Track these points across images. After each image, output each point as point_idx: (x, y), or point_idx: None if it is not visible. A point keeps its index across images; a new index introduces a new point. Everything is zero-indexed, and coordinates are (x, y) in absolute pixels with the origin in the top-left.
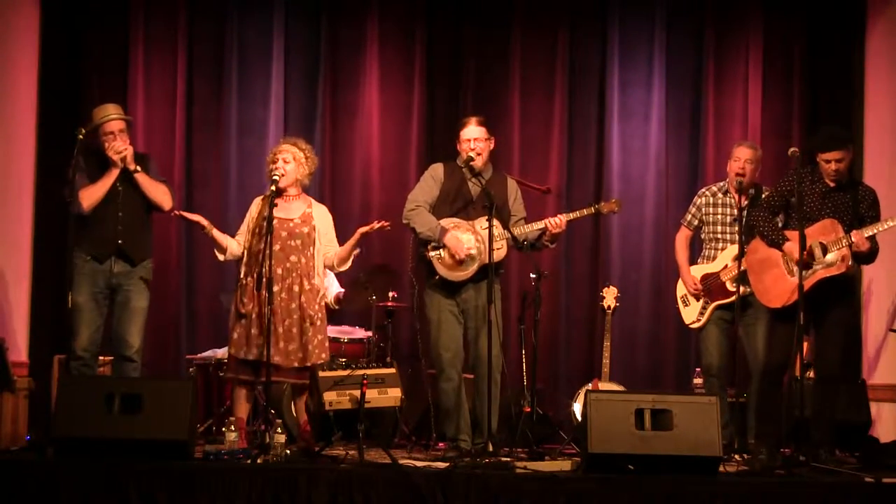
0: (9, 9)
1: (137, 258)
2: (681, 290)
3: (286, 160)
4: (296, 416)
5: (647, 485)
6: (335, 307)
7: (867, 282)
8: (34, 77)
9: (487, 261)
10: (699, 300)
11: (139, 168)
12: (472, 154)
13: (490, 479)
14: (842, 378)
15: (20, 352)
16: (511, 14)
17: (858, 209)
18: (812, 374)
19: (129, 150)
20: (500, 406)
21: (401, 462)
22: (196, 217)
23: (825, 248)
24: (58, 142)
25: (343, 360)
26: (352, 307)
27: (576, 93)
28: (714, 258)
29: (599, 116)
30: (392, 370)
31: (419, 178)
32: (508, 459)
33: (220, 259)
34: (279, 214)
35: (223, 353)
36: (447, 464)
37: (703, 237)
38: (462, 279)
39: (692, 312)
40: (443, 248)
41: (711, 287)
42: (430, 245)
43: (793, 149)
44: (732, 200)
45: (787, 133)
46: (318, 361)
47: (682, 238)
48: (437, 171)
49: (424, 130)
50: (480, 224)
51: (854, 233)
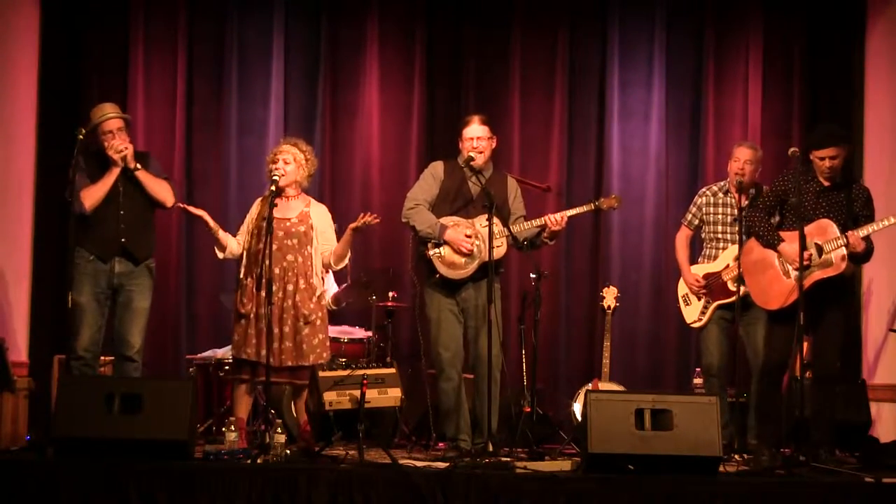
0: (9, 9)
1: (141, 256)
2: (682, 290)
3: (286, 161)
4: (296, 416)
5: (647, 485)
6: (333, 308)
7: (867, 282)
8: (34, 77)
9: (487, 259)
10: (700, 300)
11: (139, 166)
12: (474, 153)
13: (490, 479)
14: (840, 378)
15: (20, 352)
16: (511, 14)
17: (853, 208)
18: (810, 375)
19: (130, 149)
20: (500, 406)
21: (401, 462)
22: (199, 212)
23: (821, 249)
24: (58, 142)
25: (343, 360)
26: (352, 306)
27: (576, 93)
28: (715, 258)
29: (599, 116)
30: (392, 370)
31: (419, 178)
32: (508, 459)
33: (220, 257)
34: (277, 214)
35: (223, 353)
36: (447, 464)
37: (704, 237)
38: (462, 277)
39: (693, 312)
40: (443, 247)
41: (713, 287)
42: (430, 244)
43: (793, 149)
44: (733, 200)
45: (787, 133)
46: (318, 361)
47: (683, 237)
48: (437, 170)
49: (424, 130)
50: (480, 222)
51: (850, 233)
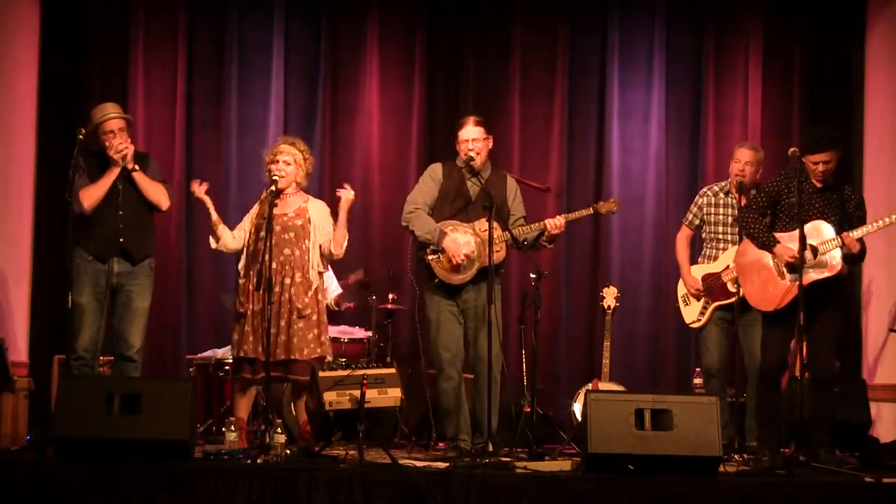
0: (9, 9)
1: (139, 257)
2: (681, 290)
3: (287, 162)
4: (296, 416)
5: (647, 485)
6: (335, 308)
7: (867, 282)
8: (34, 77)
9: (487, 262)
10: (700, 300)
11: (137, 167)
12: (472, 154)
13: (490, 479)
14: (837, 379)
15: (20, 352)
16: (511, 14)
17: (846, 208)
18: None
19: (130, 149)
20: (500, 406)
21: (401, 462)
22: (204, 196)
23: (815, 250)
24: (58, 142)
25: (343, 360)
26: (352, 306)
27: (576, 93)
28: (715, 258)
29: (599, 116)
30: (392, 370)
31: (419, 178)
32: (508, 459)
33: (213, 246)
34: (275, 211)
35: (223, 353)
36: (447, 464)
37: (704, 237)
38: (461, 282)
39: (692, 312)
40: (441, 252)
41: (712, 287)
42: (429, 248)
43: (793, 149)
44: (733, 200)
45: (787, 133)
46: (312, 357)
47: (683, 237)
48: (436, 172)
49: (424, 130)
50: (480, 225)
51: (845, 235)
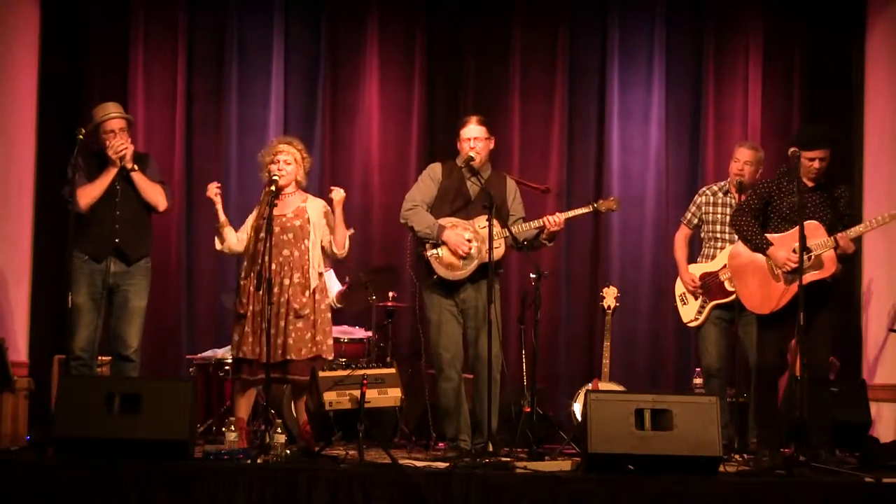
0: (9, 9)
1: (134, 257)
2: (679, 289)
3: (287, 161)
4: (296, 416)
5: (647, 485)
6: (338, 305)
7: (867, 282)
8: (34, 77)
9: (486, 260)
10: (697, 299)
11: (136, 167)
12: (472, 154)
13: (490, 479)
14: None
15: (20, 352)
16: (511, 14)
17: (837, 207)
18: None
19: (130, 149)
20: (500, 406)
21: (401, 462)
22: (216, 197)
23: (809, 251)
24: (58, 142)
25: (343, 360)
26: (352, 307)
27: (576, 93)
28: (713, 257)
29: (599, 116)
30: (392, 370)
31: (417, 179)
32: (508, 459)
33: (217, 248)
34: (274, 212)
35: (223, 353)
36: (447, 464)
37: (703, 236)
38: (460, 278)
39: (690, 311)
40: (441, 248)
41: (710, 286)
42: (428, 244)
43: (792, 148)
44: (733, 200)
45: (787, 133)
46: (310, 356)
47: (682, 236)
48: (436, 171)
49: (424, 130)
50: (479, 223)
51: (839, 236)
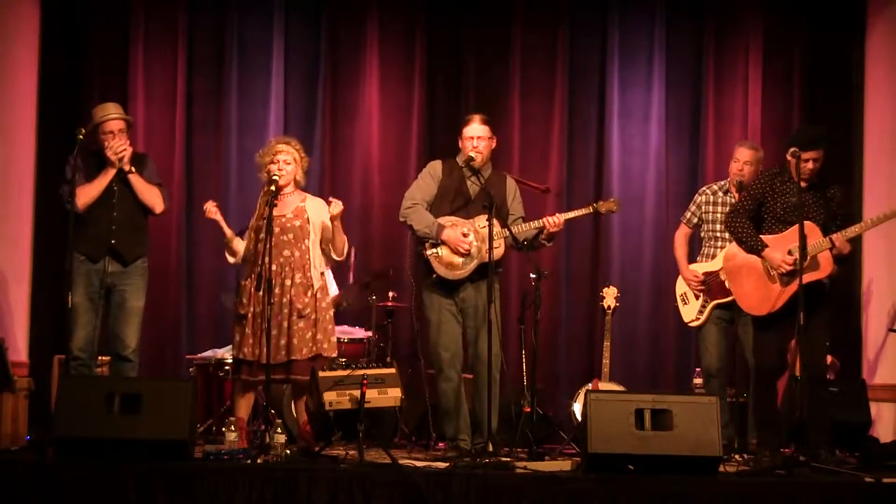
0: (9, 9)
1: (130, 258)
2: (680, 288)
3: (286, 161)
4: (296, 416)
5: (647, 485)
6: (336, 307)
7: (867, 282)
8: (34, 77)
9: (485, 260)
10: (698, 298)
11: (133, 169)
12: (474, 153)
13: (490, 479)
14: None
15: (20, 352)
16: (511, 14)
17: (830, 207)
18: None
19: (128, 151)
20: (500, 406)
21: (401, 462)
22: (217, 217)
23: (805, 252)
24: (58, 142)
25: (343, 360)
26: (352, 307)
27: (576, 93)
28: (713, 256)
29: (599, 116)
30: (392, 370)
31: (417, 177)
32: (508, 459)
33: (231, 261)
34: (273, 212)
35: (223, 353)
36: (447, 464)
37: (703, 235)
38: (460, 278)
39: (691, 311)
40: (440, 247)
41: (711, 286)
42: (428, 243)
43: (793, 148)
44: (733, 200)
45: (787, 133)
46: (312, 355)
47: (682, 235)
48: (436, 169)
49: (424, 130)
50: (479, 223)
51: (835, 236)
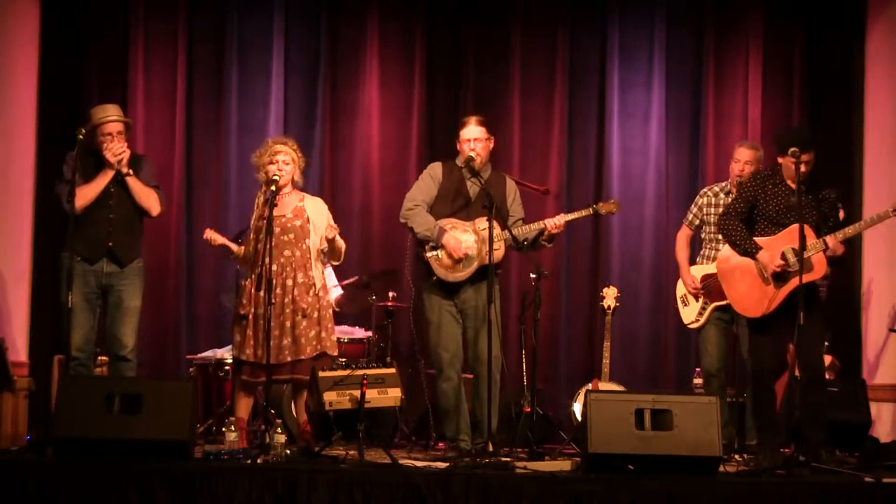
0: (8, 8)
1: (126, 260)
2: (680, 290)
3: (286, 161)
4: (296, 416)
5: (647, 485)
6: (335, 310)
7: (867, 282)
8: (34, 77)
9: (486, 261)
10: (699, 300)
11: (131, 172)
12: (472, 154)
13: (490, 479)
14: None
15: (20, 352)
16: (511, 14)
17: (822, 209)
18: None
19: (127, 154)
20: (500, 406)
21: (401, 462)
22: (221, 240)
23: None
24: (58, 142)
25: (343, 360)
26: (352, 308)
27: (576, 93)
28: (713, 258)
29: (599, 116)
30: (392, 370)
31: (417, 179)
32: (508, 459)
33: (241, 268)
34: (273, 213)
35: (223, 353)
36: (447, 464)
37: (703, 237)
38: (460, 280)
39: (691, 312)
40: (440, 249)
41: (711, 288)
42: (428, 245)
43: (792, 148)
44: None
45: None
46: (315, 354)
47: (683, 237)
48: (436, 171)
49: (424, 130)
50: (479, 224)
51: (829, 238)
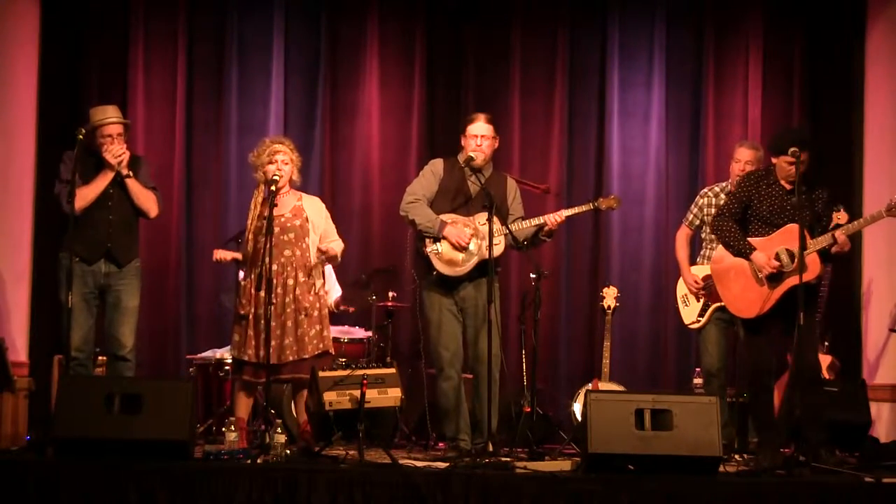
0: (8, 8)
1: (124, 260)
2: (681, 290)
3: (284, 161)
4: (296, 416)
5: (647, 485)
6: (335, 311)
7: (867, 282)
8: (34, 77)
9: (485, 257)
10: (699, 300)
11: (131, 173)
12: (474, 153)
13: (490, 479)
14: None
15: (20, 352)
16: (511, 14)
17: (815, 209)
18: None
19: (126, 155)
20: (500, 406)
21: (401, 462)
22: (230, 256)
23: (793, 255)
24: (58, 142)
25: (343, 360)
26: (352, 308)
27: (576, 92)
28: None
29: (599, 116)
30: (392, 370)
31: (418, 174)
32: (508, 459)
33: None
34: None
35: (223, 353)
36: (447, 464)
37: (703, 237)
38: (459, 275)
39: (692, 313)
40: (441, 243)
41: (711, 288)
42: (429, 240)
43: (793, 148)
44: None
45: None
46: (316, 353)
47: (683, 236)
48: (437, 167)
49: (424, 130)
50: (479, 220)
51: (837, 233)
